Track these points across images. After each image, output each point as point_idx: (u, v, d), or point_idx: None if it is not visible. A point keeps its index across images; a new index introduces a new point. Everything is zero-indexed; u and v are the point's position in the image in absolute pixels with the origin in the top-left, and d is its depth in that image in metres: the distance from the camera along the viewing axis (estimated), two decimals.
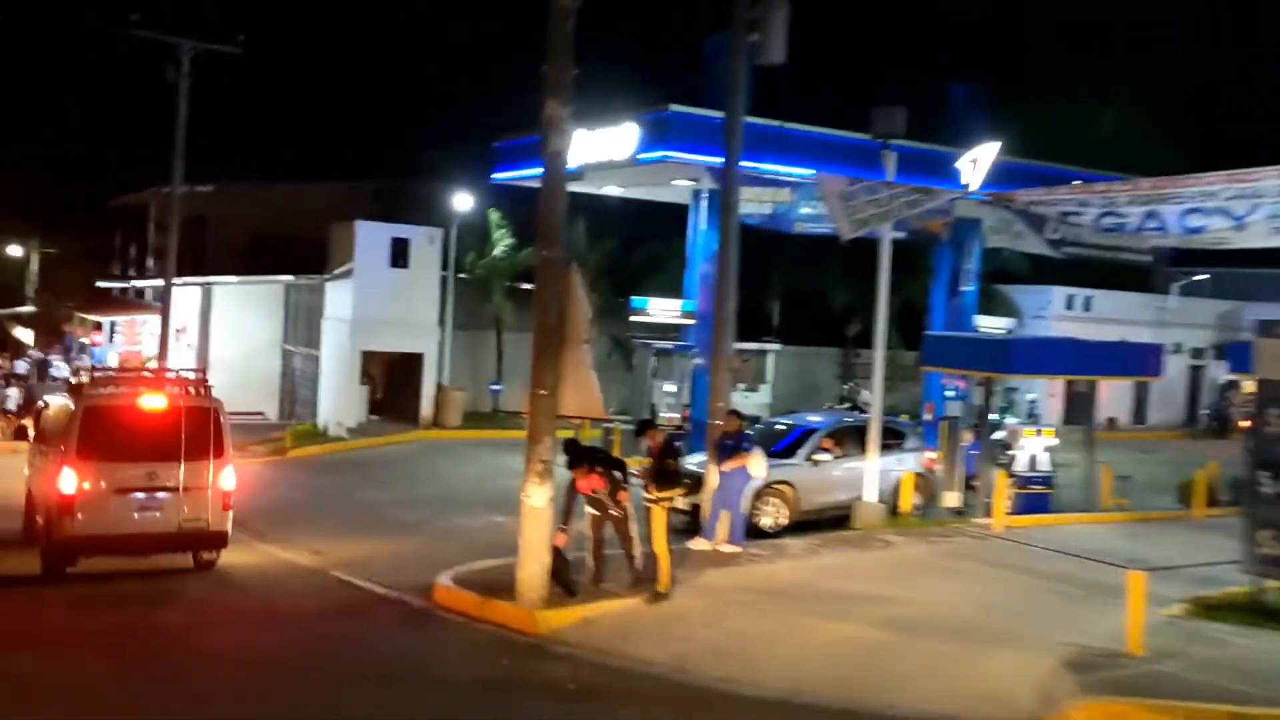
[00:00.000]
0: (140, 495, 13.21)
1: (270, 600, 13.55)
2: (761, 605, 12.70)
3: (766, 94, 18.94)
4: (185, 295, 32.19)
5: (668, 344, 27.67)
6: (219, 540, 13.86)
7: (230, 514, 13.84)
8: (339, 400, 29.88)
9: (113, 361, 38.26)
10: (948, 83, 28.24)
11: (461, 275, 31.62)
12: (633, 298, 28.75)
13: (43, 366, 39.16)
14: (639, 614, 12.10)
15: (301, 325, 33.46)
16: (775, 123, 22.06)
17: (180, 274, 29.67)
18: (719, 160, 20.71)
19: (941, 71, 31.20)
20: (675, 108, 22.16)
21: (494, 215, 31.83)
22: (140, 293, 38.46)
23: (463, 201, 30.77)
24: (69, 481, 12.97)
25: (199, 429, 13.50)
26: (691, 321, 26.16)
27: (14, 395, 29.17)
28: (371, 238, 29.48)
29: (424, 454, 27.38)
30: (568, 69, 11.41)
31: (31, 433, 17.37)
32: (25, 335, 51.89)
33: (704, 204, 24.90)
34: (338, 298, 30.41)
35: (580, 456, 12.02)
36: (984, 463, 18.24)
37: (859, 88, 25.72)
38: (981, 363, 18.41)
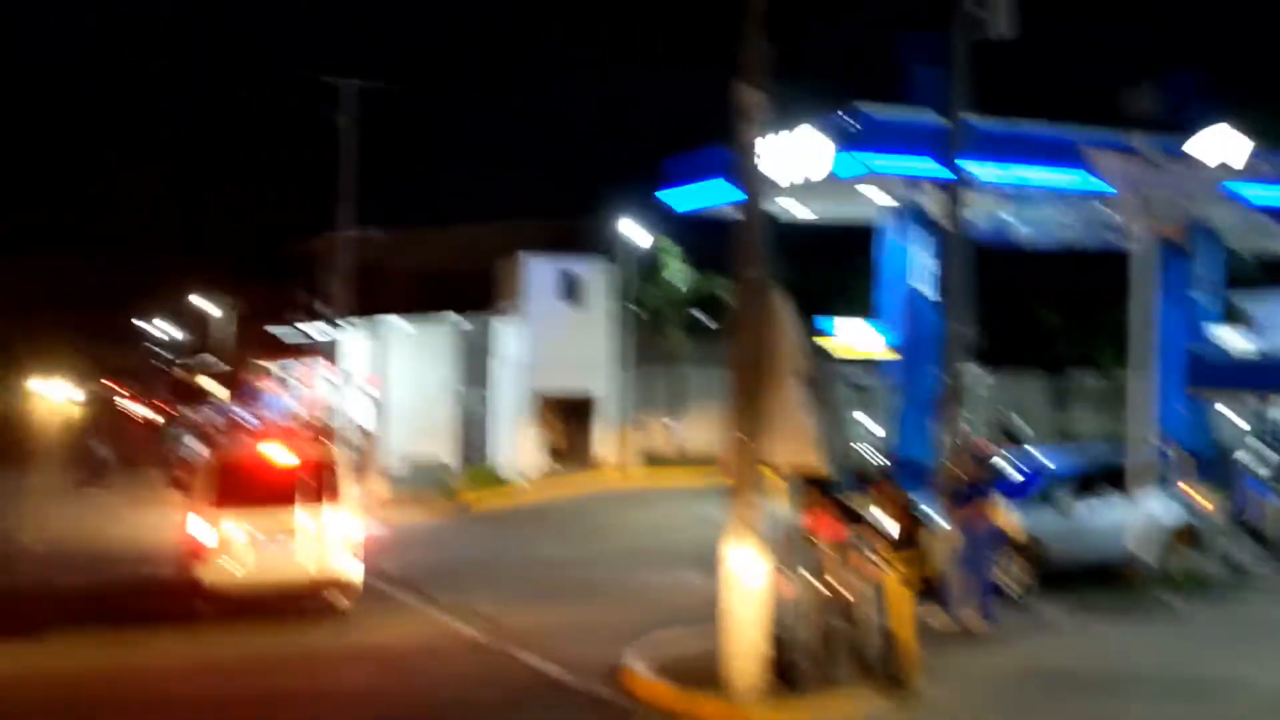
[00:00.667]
0: (266, 542, 13.64)
1: (438, 690, 11.80)
2: (1043, 702, 10.23)
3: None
4: (359, 341, 31.60)
5: (862, 374, 25.14)
6: (342, 583, 14.10)
7: (358, 560, 14.16)
8: (514, 444, 28.54)
9: (290, 407, 38.32)
10: (1168, 72, 24.95)
11: (637, 310, 29.95)
12: (815, 318, 26.28)
13: (226, 415, 39.42)
14: (882, 716, 9.78)
15: (475, 368, 32.42)
16: (999, 120, 19.29)
17: (354, 319, 28.98)
18: (929, 166, 18.42)
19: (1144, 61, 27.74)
20: (875, 110, 19.81)
21: (666, 243, 30.08)
22: (318, 340, 38.39)
23: (633, 231, 29.11)
24: (199, 529, 13.61)
25: (319, 478, 14.03)
26: (883, 352, 23.61)
27: (193, 444, 29.05)
28: (541, 273, 28.14)
29: (605, 502, 25.66)
30: (761, 46, 9.37)
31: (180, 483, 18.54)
32: (213, 385, 53.19)
33: (902, 219, 22.44)
34: (510, 338, 29.17)
35: (819, 494, 9.91)
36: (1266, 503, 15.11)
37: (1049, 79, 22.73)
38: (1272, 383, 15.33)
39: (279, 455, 14.19)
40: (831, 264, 28.47)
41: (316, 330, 35.07)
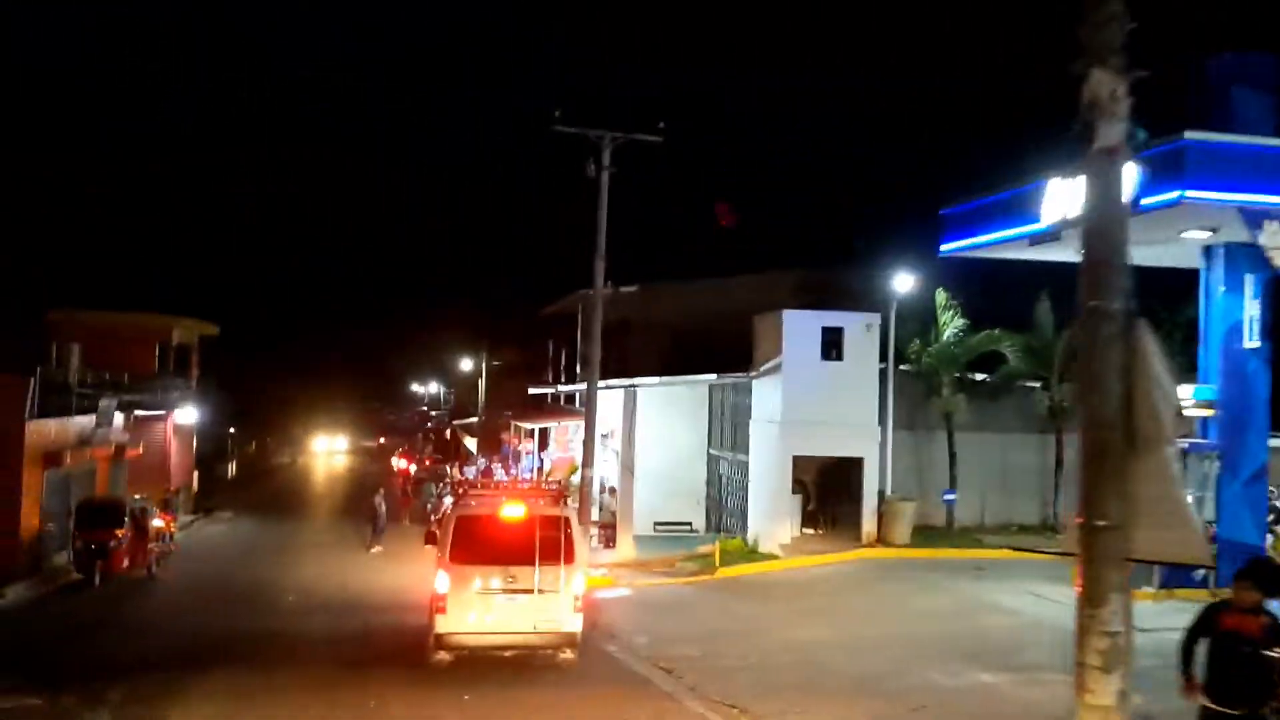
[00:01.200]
0: (501, 597, 14.23)
1: None
2: None
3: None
4: (610, 399, 30.68)
5: (1181, 441, 21.71)
6: (570, 641, 14.57)
7: (581, 616, 14.61)
8: (769, 511, 26.63)
9: (539, 465, 37.94)
10: None
11: (903, 367, 27.57)
12: None
13: (479, 472, 39.62)
14: None
15: (727, 428, 30.82)
16: None
17: (605, 377, 28.08)
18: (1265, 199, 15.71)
19: None
20: (1193, 135, 17.05)
21: (941, 296, 27.61)
22: (570, 398, 37.96)
23: (903, 283, 26.85)
24: (442, 583, 14.33)
25: (553, 536, 14.41)
26: (1209, 412, 20.33)
27: (444, 500, 29.13)
28: (800, 327, 26.28)
29: (867, 578, 23.31)
30: (1115, 20, 7.31)
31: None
32: (471, 444, 54.14)
33: (1228, 260, 19.33)
34: (765, 396, 27.41)
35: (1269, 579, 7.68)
36: None
37: None
38: None
39: (520, 513, 14.58)
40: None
41: (570, 389, 34.54)
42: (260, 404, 69.86)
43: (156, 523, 28.90)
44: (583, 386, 30.66)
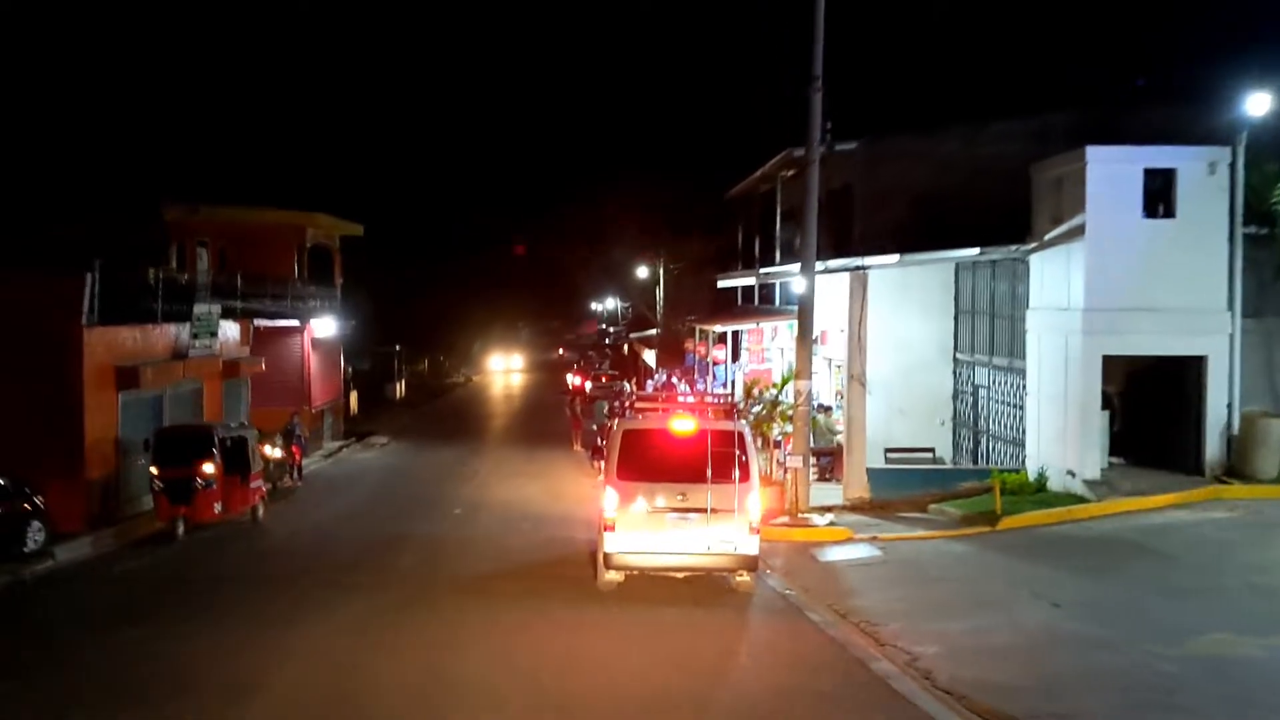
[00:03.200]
0: (672, 516, 13.47)
1: None
2: None
3: None
4: (824, 291, 23.45)
5: None
6: (749, 564, 13.72)
7: (758, 540, 13.74)
8: (1062, 435, 19.07)
9: (728, 378, 31.23)
10: None
11: (1249, 229, 19.20)
12: None
13: (669, 389, 33.35)
14: None
15: (984, 324, 23.16)
16: None
17: (823, 261, 20.88)
18: None
19: None
20: None
21: None
22: (766, 296, 30.94)
23: (1257, 104, 18.37)
24: (609, 502, 13.67)
25: (726, 453, 13.58)
26: None
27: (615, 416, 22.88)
28: (1111, 172, 18.34)
29: (1249, 532, 15.68)
30: None
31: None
32: (650, 358, 47.88)
33: None
34: (1052, 277, 19.64)
35: None
36: None
37: None
38: None
39: (689, 428, 13.82)
40: None
41: (769, 277, 27.45)
42: (428, 320, 65.67)
43: (272, 452, 23.69)
44: (787, 273, 23.59)
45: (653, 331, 50.75)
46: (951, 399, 24.61)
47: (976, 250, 20.65)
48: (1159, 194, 18.27)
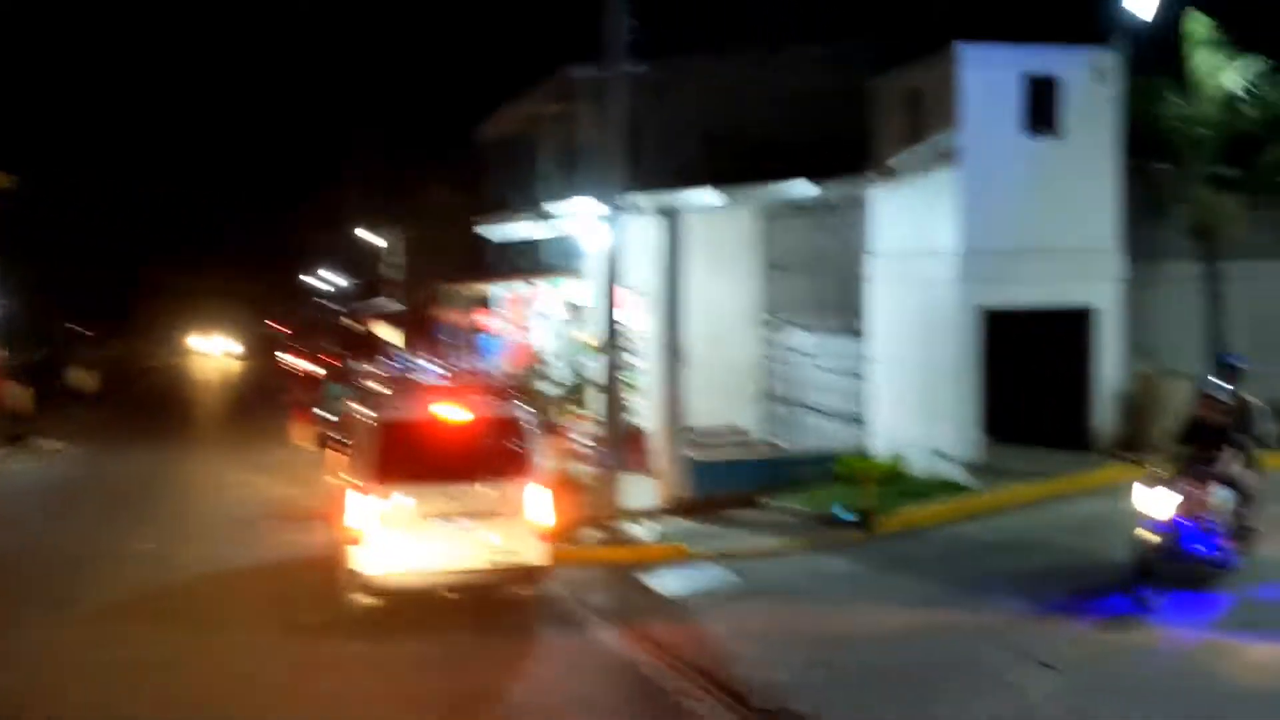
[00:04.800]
0: (442, 523, 11.15)
1: None
2: None
3: None
4: (622, 238, 18.92)
5: None
6: (537, 575, 11.51)
7: (548, 546, 11.46)
8: (928, 409, 15.49)
9: (495, 351, 26.36)
10: None
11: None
12: None
13: (403, 367, 28.19)
14: None
15: (802, 283, 19.42)
16: None
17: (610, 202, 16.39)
18: None
19: None
20: None
21: (1197, 24, 16.19)
22: (532, 255, 26.19)
23: (1144, 5, 15.29)
24: (361, 510, 11.11)
25: (504, 445, 11.52)
26: None
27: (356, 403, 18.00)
28: (986, 80, 14.82)
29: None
30: None
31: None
32: (391, 334, 42.03)
33: None
34: (905, 216, 16.01)
35: None
36: None
37: None
38: None
39: (460, 417, 11.57)
40: None
41: (545, 232, 22.63)
42: (122, 297, 56.77)
43: None
44: (571, 216, 18.91)
45: (391, 305, 44.87)
46: (763, 369, 20.80)
47: (812, 186, 16.68)
48: (1041, 108, 14.89)
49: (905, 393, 15.96)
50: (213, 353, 72.12)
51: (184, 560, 14.71)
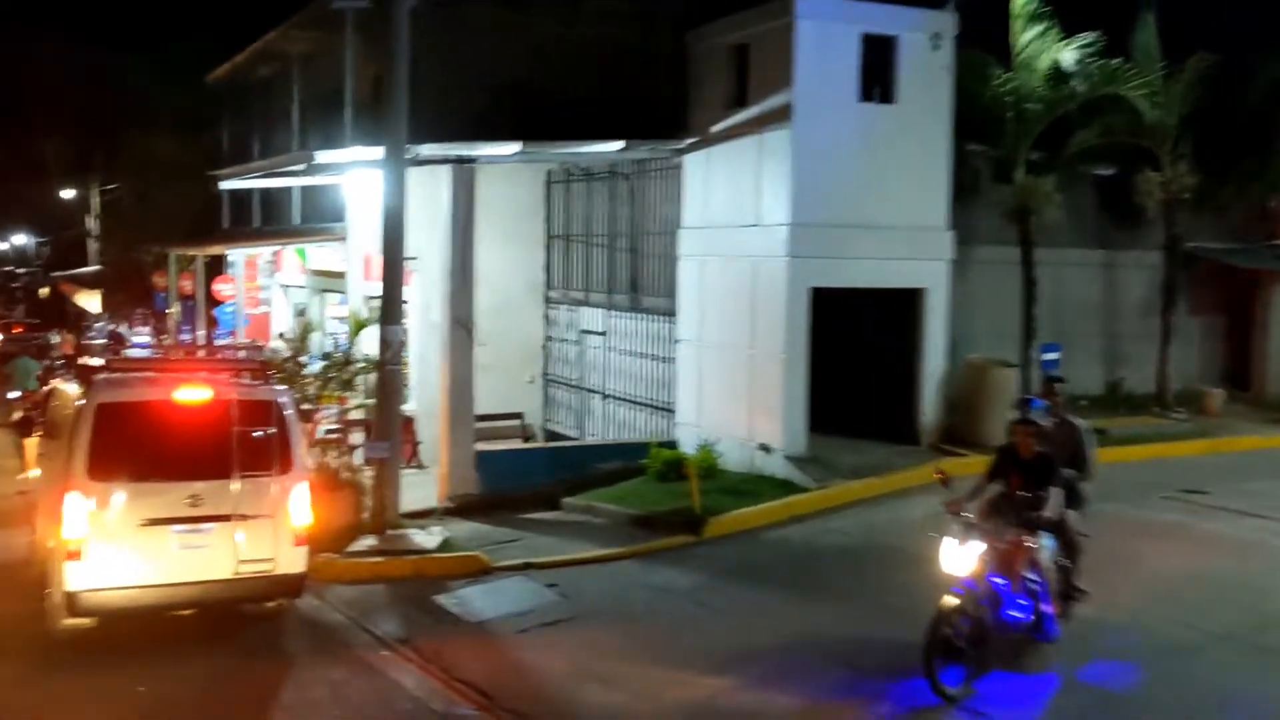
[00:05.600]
0: (179, 529, 9.20)
1: None
2: None
3: None
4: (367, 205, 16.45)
5: None
6: (291, 585, 9.64)
7: (305, 550, 9.59)
8: (746, 398, 14.03)
9: (230, 326, 23.05)
10: None
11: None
12: None
13: (116, 341, 24.63)
14: None
15: (591, 257, 17.68)
16: None
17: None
18: None
19: None
20: None
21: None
22: (276, 211, 22.96)
23: None
24: (74, 515, 8.95)
25: (257, 433, 9.53)
26: None
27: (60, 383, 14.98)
28: (823, 36, 13.42)
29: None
30: None
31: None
32: (90, 301, 36.96)
33: None
34: (723, 185, 14.46)
35: None
36: None
37: None
38: None
39: (202, 397, 9.48)
40: None
41: (297, 184, 19.63)
42: None
43: None
44: (338, 165, 16.18)
45: (90, 268, 39.55)
46: (542, 350, 18.90)
47: (620, 144, 14.80)
48: (879, 71, 13.69)
49: (719, 379, 14.45)
50: None
51: None
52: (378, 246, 17.54)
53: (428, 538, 12.33)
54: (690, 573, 10.83)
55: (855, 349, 14.71)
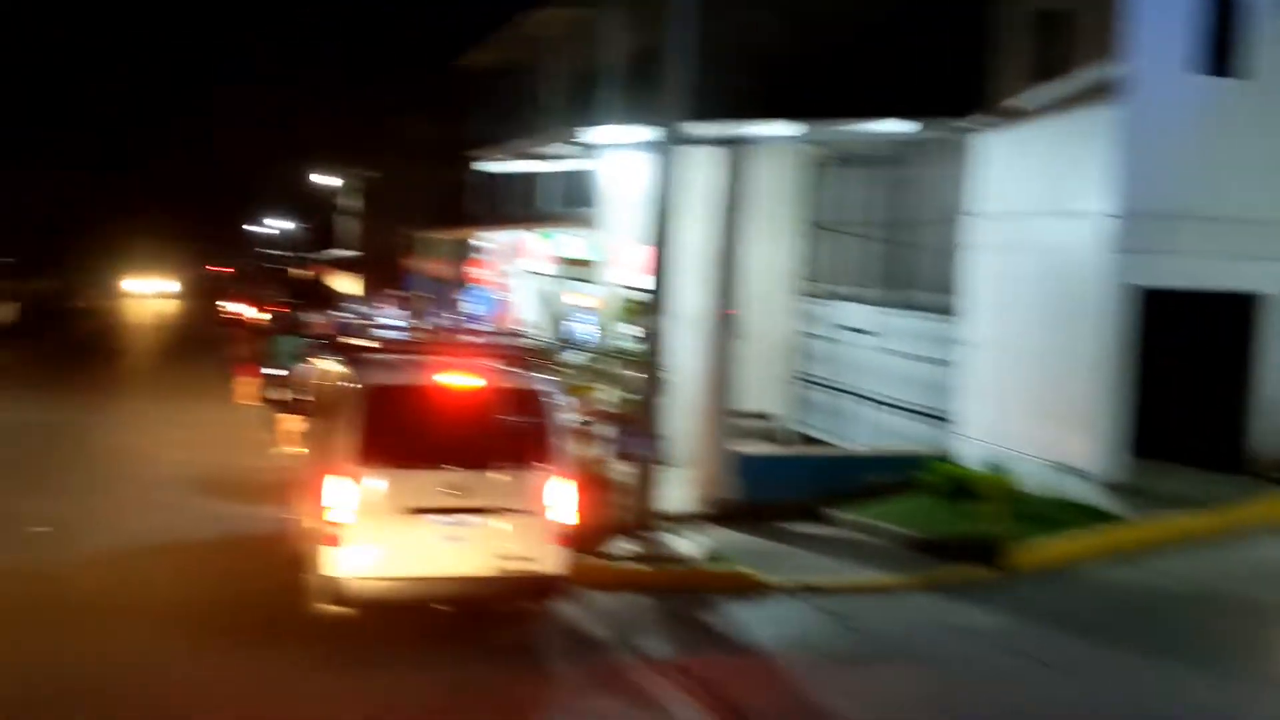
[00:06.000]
0: (440, 520, 8.71)
1: None
2: None
3: None
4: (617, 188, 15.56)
5: None
6: (551, 587, 9.05)
7: (567, 551, 8.98)
8: (1052, 412, 12.39)
9: (482, 311, 22.92)
10: None
11: None
12: None
13: (368, 322, 24.68)
14: None
15: (857, 248, 16.29)
16: None
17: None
18: None
19: None
20: None
21: None
22: (524, 196, 22.71)
23: None
24: (339, 499, 8.57)
25: (521, 422, 9.00)
26: None
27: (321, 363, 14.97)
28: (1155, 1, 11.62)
29: None
30: None
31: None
32: (348, 284, 38.23)
33: None
34: (1029, 167, 12.83)
35: None
36: None
37: None
38: None
39: (468, 384, 9.10)
40: None
41: (554, 168, 19.20)
42: (52, 228, 52.32)
43: None
44: (602, 145, 15.44)
45: (346, 252, 41.04)
46: (794, 346, 17.66)
47: (911, 124, 13.40)
48: (1224, 40, 11.78)
49: (1013, 387, 12.86)
50: (149, 296, 67.33)
51: (93, 540, 11.36)
52: (631, 232, 16.92)
53: (691, 546, 11.38)
54: (997, 614, 9.41)
55: (1183, 357, 12.75)
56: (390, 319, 26.40)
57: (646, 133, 12.88)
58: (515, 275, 23.99)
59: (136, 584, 9.98)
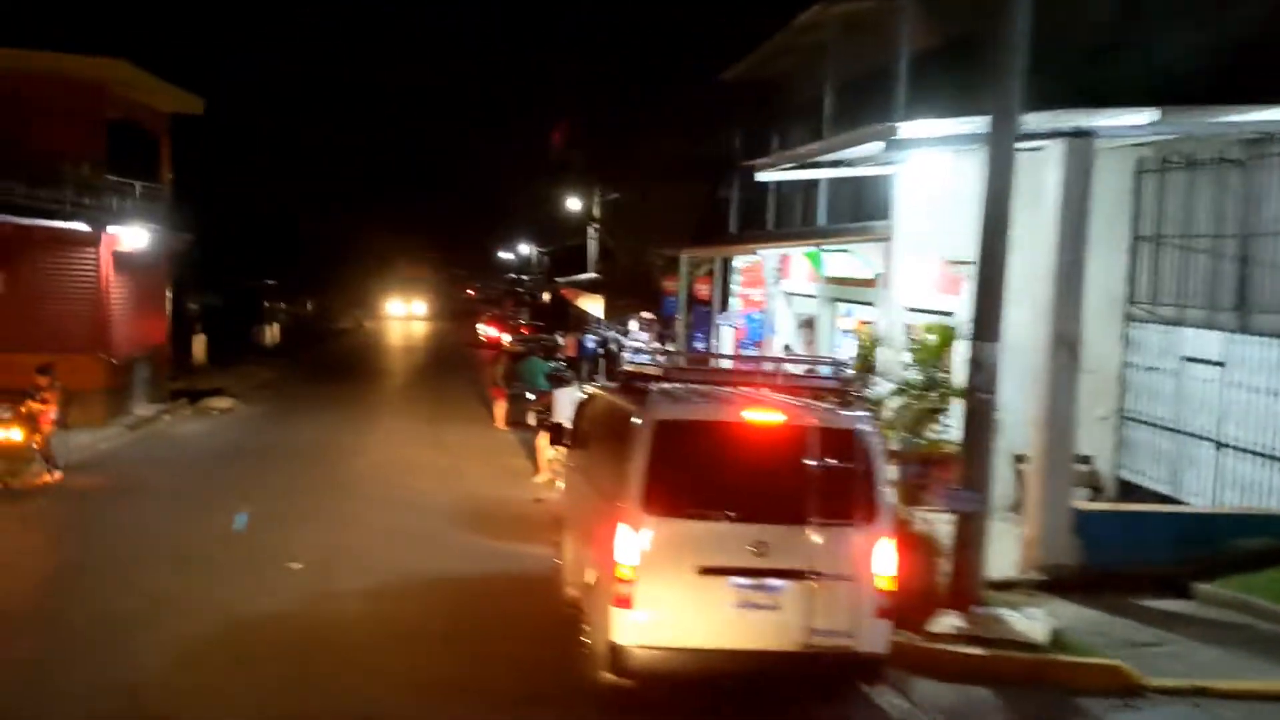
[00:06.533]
0: (742, 582, 7.57)
1: None
2: None
3: None
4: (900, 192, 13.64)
5: None
6: (869, 670, 7.82)
7: (889, 625, 7.74)
8: None
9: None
10: None
11: None
12: None
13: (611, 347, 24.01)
14: None
15: (1197, 264, 13.71)
16: None
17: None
18: None
19: None
20: None
21: None
22: (798, 210, 21.09)
23: None
24: (628, 551, 7.50)
25: (838, 470, 7.68)
26: None
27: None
28: None
29: None
30: None
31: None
32: (591, 305, 37.79)
33: None
34: None
35: None
36: None
37: None
38: None
39: (775, 421, 7.79)
40: None
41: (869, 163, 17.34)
42: (314, 250, 54.83)
43: None
44: (909, 141, 13.54)
45: (589, 275, 40.66)
46: (1119, 379, 15.17)
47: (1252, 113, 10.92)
48: None
49: None
50: (409, 319, 69.98)
51: (349, 580, 10.57)
52: (929, 245, 14.96)
53: (1030, 624, 9.38)
54: None
55: None
56: (637, 341, 25.41)
57: (971, 125, 11.00)
58: (775, 297, 22.43)
59: (389, 638, 9.04)
